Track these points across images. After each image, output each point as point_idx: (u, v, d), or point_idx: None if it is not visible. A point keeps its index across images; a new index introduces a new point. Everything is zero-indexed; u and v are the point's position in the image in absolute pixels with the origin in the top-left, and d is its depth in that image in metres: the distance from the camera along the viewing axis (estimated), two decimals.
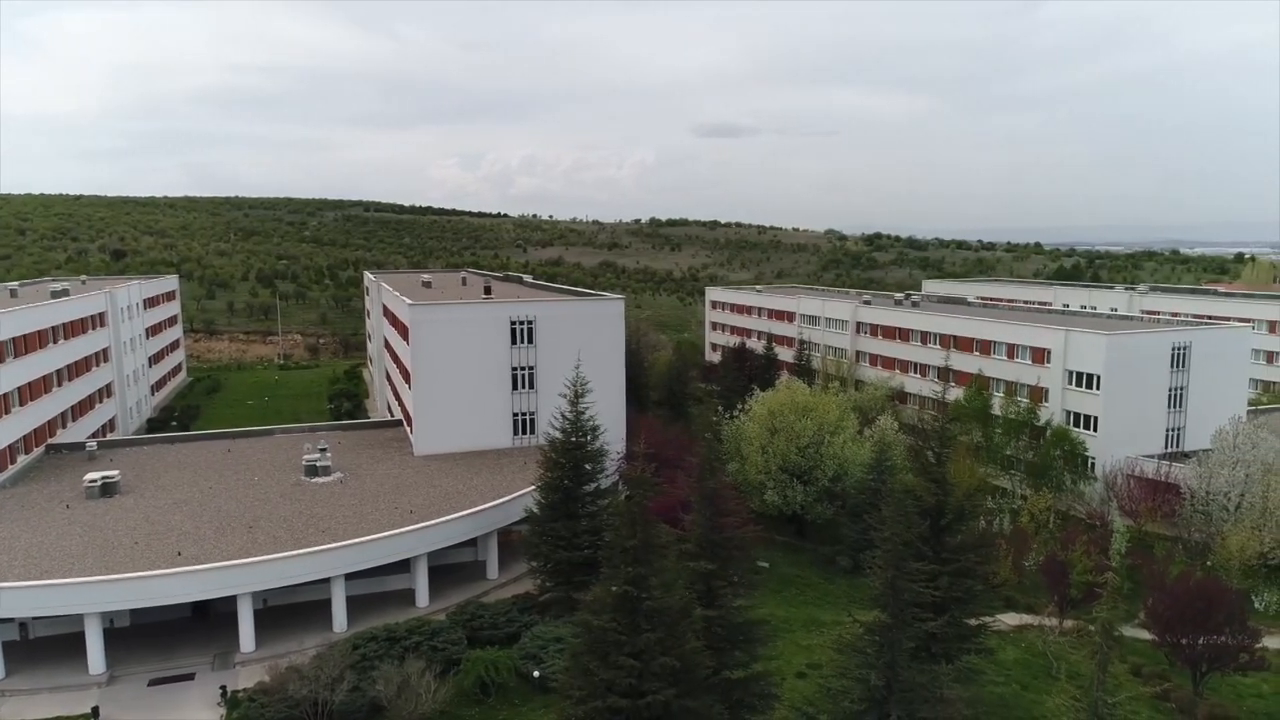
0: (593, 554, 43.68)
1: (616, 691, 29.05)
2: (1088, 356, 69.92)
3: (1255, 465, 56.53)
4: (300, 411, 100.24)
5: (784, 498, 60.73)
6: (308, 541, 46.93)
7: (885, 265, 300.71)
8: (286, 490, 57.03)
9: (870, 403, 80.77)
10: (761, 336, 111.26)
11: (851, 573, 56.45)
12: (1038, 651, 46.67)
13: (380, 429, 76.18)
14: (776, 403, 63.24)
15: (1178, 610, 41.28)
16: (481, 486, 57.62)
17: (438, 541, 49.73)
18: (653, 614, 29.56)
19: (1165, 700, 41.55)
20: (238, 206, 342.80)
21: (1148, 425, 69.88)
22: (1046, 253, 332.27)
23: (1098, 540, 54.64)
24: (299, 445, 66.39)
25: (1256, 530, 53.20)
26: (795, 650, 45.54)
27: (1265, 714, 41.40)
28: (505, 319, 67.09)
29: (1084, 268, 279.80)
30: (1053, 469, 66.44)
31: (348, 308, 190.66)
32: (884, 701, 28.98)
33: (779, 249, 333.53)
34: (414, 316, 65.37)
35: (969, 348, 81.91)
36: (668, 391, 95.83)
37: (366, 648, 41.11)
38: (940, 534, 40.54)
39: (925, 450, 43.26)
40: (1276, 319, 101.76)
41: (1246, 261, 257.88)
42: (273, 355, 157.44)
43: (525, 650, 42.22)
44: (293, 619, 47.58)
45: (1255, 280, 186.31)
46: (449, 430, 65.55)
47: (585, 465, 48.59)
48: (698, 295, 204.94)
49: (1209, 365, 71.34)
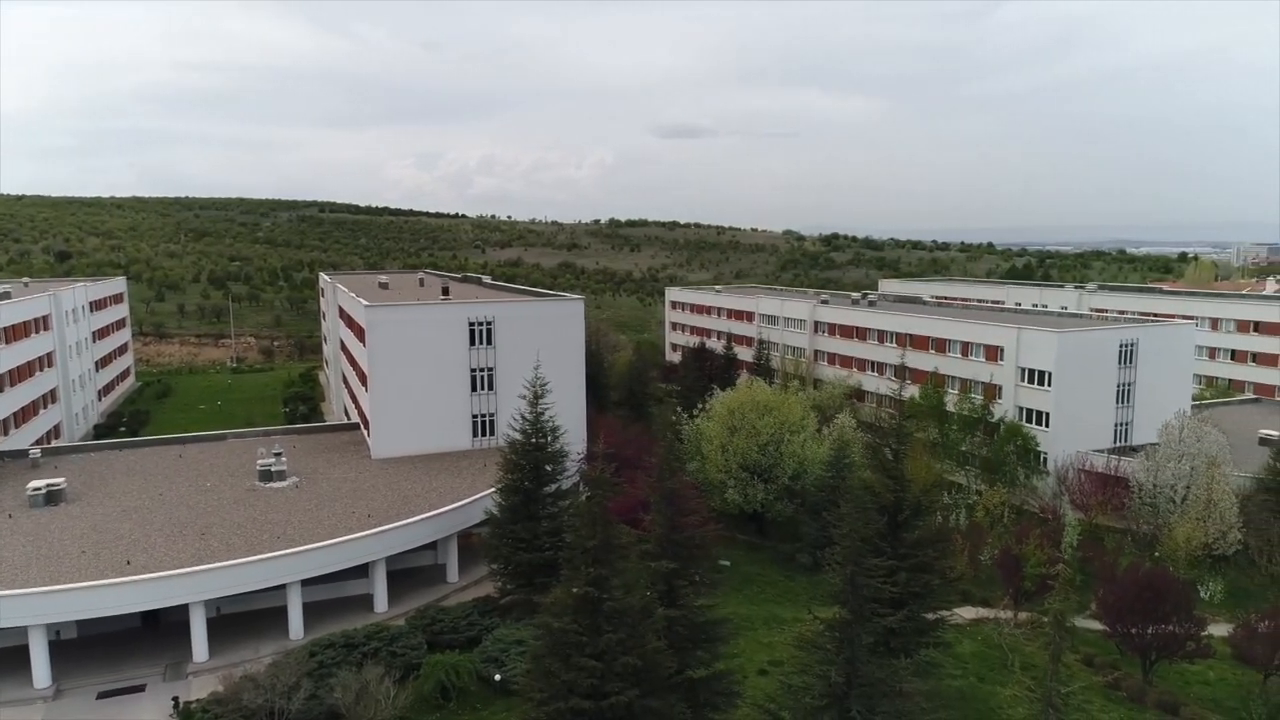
0: (554, 555, 43.53)
1: (578, 693, 28.93)
2: (1039, 354, 71.33)
3: (1200, 458, 57.98)
4: (254, 415, 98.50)
5: (744, 496, 61.02)
6: (262, 547, 46.02)
7: (842, 265, 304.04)
8: (240, 496, 55.91)
9: (829, 401, 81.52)
10: (721, 336, 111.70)
11: (811, 570, 56.87)
12: (993, 644, 47.45)
13: (337, 432, 75.07)
14: (736, 402, 63.53)
15: (1127, 601, 42.29)
16: (441, 489, 57.05)
17: (396, 545, 49.11)
18: (614, 614, 29.48)
19: (1116, 689, 42.51)
20: (188, 207, 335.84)
21: (1097, 420, 71.50)
22: (999, 253, 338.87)
23: (1050, 534, 55.78)
24: (253, 450, 65.12)
25: (1201, 522, 54.62)
26: (756, 648, 45.79)
27: (1211, 700, 42.56)
28: (463, 320, 66.52)
29: (1035, 267, 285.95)
30: (1006, 464, 67.61)
31: (303, 310, 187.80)
32: (844, 697, 29.20)
33: (738, 249, 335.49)
34: (370, 318, 64.52)
35: (924, 346, 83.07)
36: (628, 392, 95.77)
37: (324, 654, 40.48)
38: (898, 530, 41.06)
39: (883, 447, 43.78)
40: (1218, 316, 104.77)
41: (1190, 261, 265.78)
42: (225, 358, 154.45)
43: (486, 653, 41.90)
44: (247, 627, 46.66)
45: (1198, 279, 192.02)
46: (407, 433, 64.81)
47: (545, 466, 48.36)
48: (657, 296, 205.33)
49: (1155, 361, 73.21)
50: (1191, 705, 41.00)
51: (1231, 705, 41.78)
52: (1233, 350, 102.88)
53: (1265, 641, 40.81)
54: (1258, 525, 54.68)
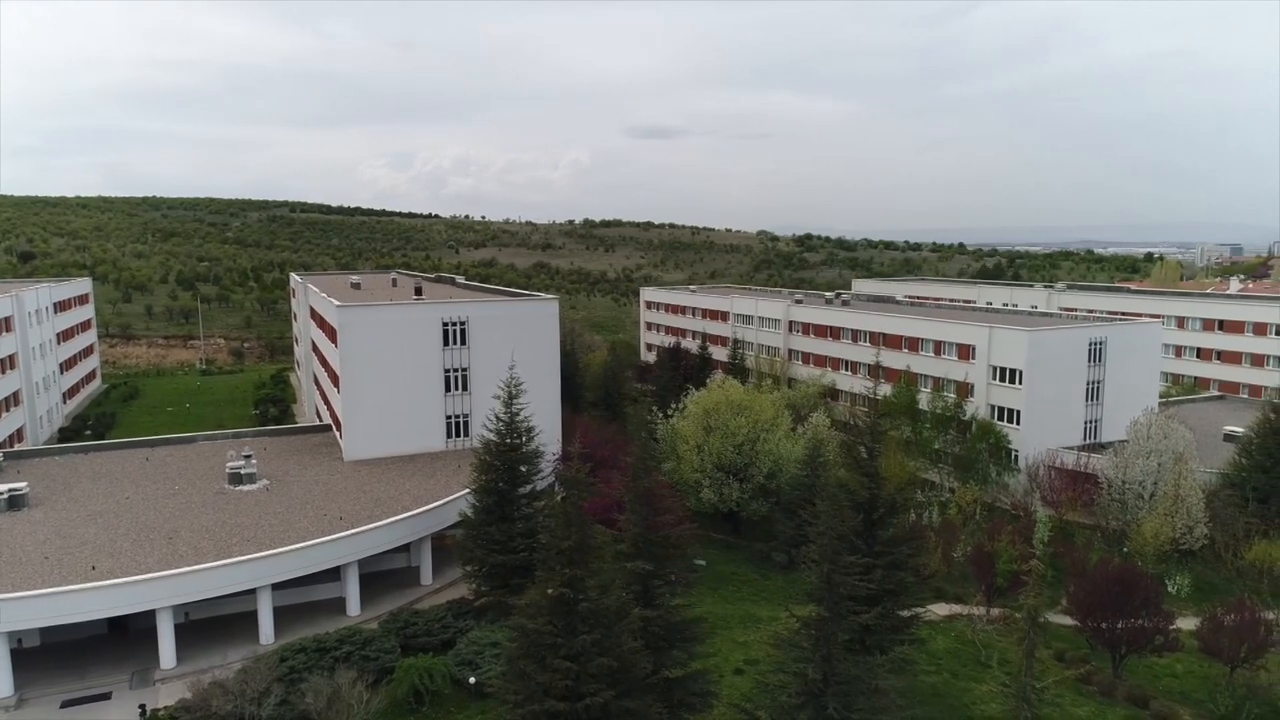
0: (528, 557, 43.26)
1: (554, 694, 28.74)
2: (1010, 352, 72.05)
3: (1167, 455, 58.81)
4: (224, 418, 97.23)
5: (720, 495, 61.06)
6: (231, 551, 45.35)
7: (816, 265, 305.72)
8: (209, 499, 55.05)
9: (803, 400, 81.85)
10: (696, 336, 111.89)
11: (787, 568, 57.07)
12: (967, 640, 47.83)
13: (308, 434, 74.20)
14: (711, 401, 63.57)
15: (1097, 596, 42.75)
16: (414, 491, 56.54)
17: (369, 548, 48.57)
18: (589, 615, 29.32)
19: (1087, 683, 42.97)
20: (155, 207, 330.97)
21: (1067, 418, 72.34)
22: (970, 253, 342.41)
23: (1022, 530, 56.37)
24: (222, 453, 64.20)
25: (1169, 517, 55.38)
26: (732, 647, 45.79)
27: (1180, 693, 43.15)
28: (437, 320, 66.00)
29: (1005, 267, 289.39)
30: (978, 462, 68.23)
31: (273, 310, 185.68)
32: (821, 695, 29.23)
33: (712, 249, 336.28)
34: (342, 318, 63.82)
35: (898, 345, 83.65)
36: (603, 392, 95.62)
37: (295, 659, 39.92)
38: (873, 528, 41.19)
39: (858, 446, 43.91)
40: (1184, 315, 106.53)
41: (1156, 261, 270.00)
42: (194, 360, 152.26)
43: (461, 656, 41.55)
44: (216, 632, 45.93)
45: (1164, 279, 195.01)
46: (380, 434, 64.20)
47: (520, 467, 48.06)
48: (632, 296, 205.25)
49: (1123, 359, 74.23)
50: (1160, 698, 41.54)
51: (1199, 698, 42.38)
52: (1198, 348, 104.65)
53: (1231, 634, 41.37)
54: (1223, 520, 55.55)
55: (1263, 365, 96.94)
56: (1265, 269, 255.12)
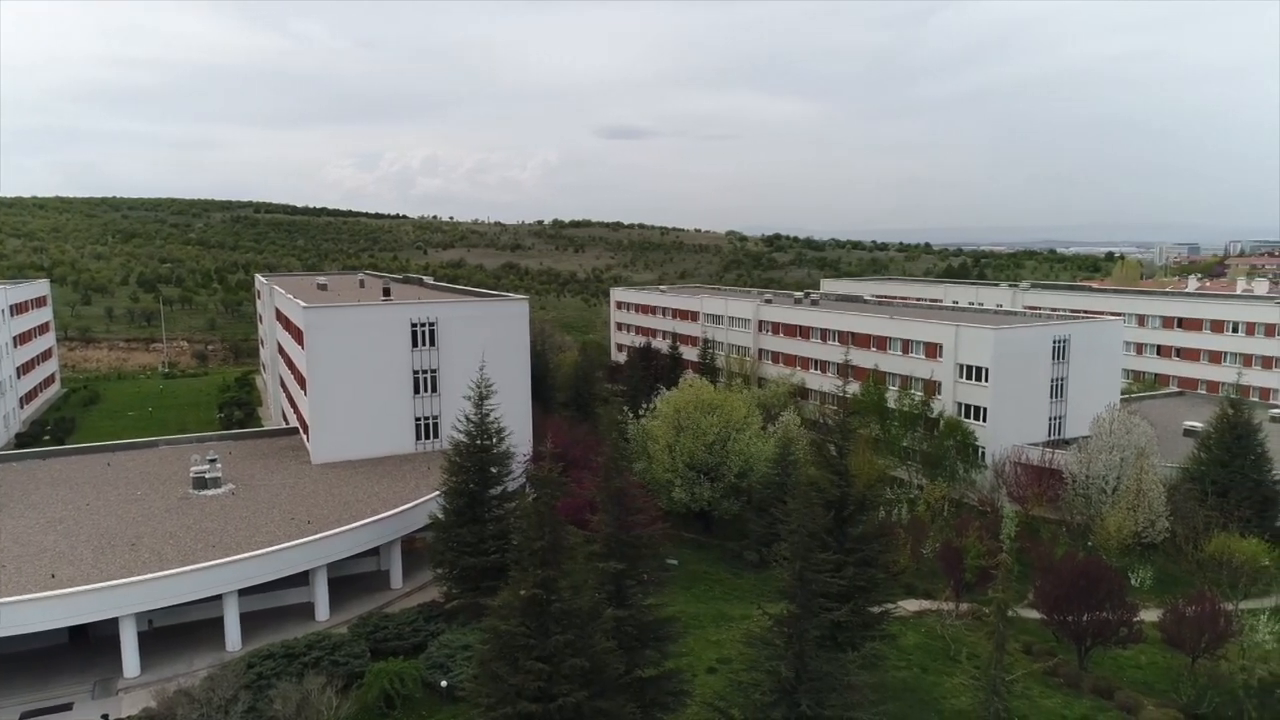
0: (500, 558, 43.05)
1: (526, 696, 28.56)
2: (977, 350, 72.96)
3: (1129, 450, 59.89)
4: (187, 422, 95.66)
5: (691, 495, 61.16)
6: (196, 557, 44.58)
7: (785, 265, 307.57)
8: (173, 504, 54.09)
9: (773, 399, 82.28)
10: (666, 336, 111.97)
11: (758, 566, 57.30)
12: (936, 635, 48.32)
13: (275, 437, 73.20)
14: (682, 401, 63.64)
15: (1063, 589, 43.38)
16: (383, 494, 56.00)
17: (337, 552, 48.01)
18: (562, 616, 29.18)
19: (1054, 675, 43.60)
20: (115, 207, 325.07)
21: (1032, 414, 73.41)
22: (936, 252, 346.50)
23: (989, 526, 57.06)
24: (186, 457, 63.08)
25: (1131, 511, 56.38)
26: (705, 646, 45.86)
27: (1143, 683, 43.95)
28: (405, 321, 65.43)
29: (970, 266, 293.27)
30: (946, 459, 68.98)
31: (238, 312, 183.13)
32: (794, 692, 29.34)
33: (682, 250, 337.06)
34: (309, 320, 63.04)
35: (866, 344, 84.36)
36: (574, 392, 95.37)
37: (262, 666, 39.31)
38: (844, 525, 41.47)
39: (828, 444, 44.20)
40: (1144, 313, 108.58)
41: (1117, 260, 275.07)
42: (156, 363, 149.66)
43: (432, 659, 41.21)
44: (181, 640, 45.13)
45: (1124, 278, 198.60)
46: (348, 437, 63.51)
47: (491, 468, 47.78)
48: (602, 296, 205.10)
49: (1086, 357, 75.49)
50: (1125, 689, 42.25)
51: (1162, 688, 43.19)
52: (1158, 346, 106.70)
53: (1192, 626, 42.20)
54: (1184, 514, 56.62)
55: (1220, 362, 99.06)
56: (1221, 268, 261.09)
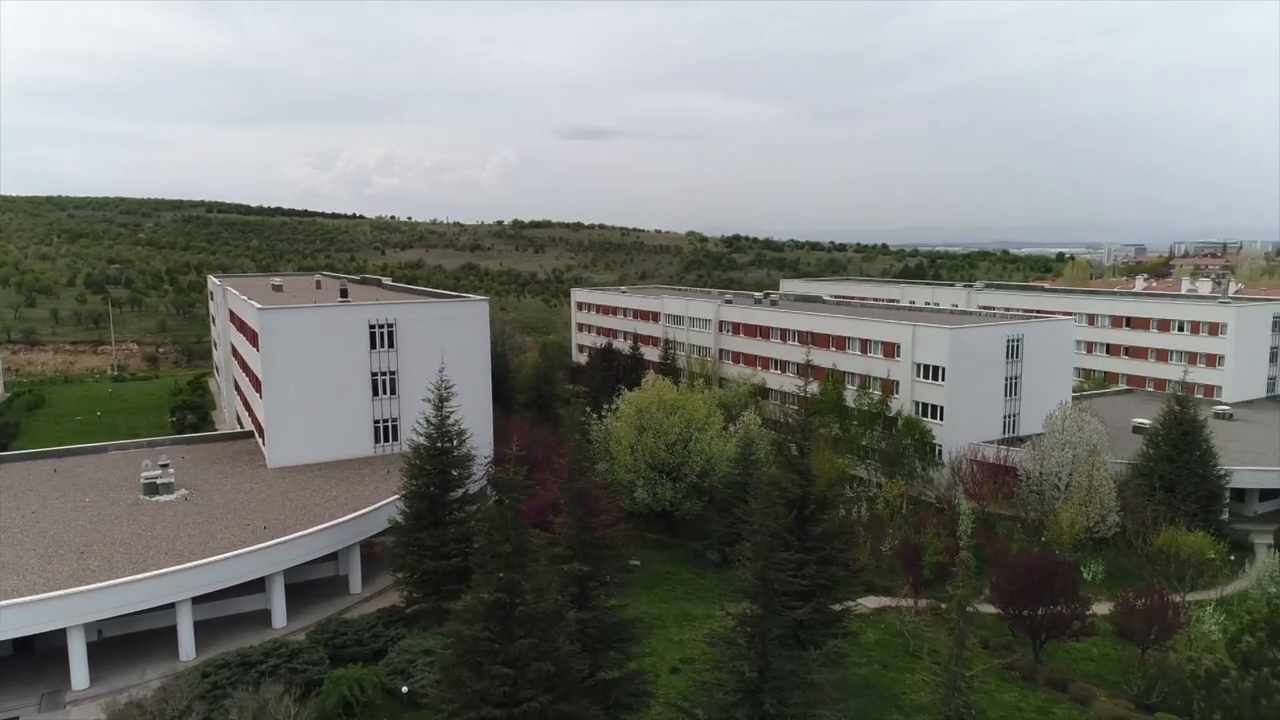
0: (462, 562, 42.68)
1: (491, 701, 28.32)
2: (933, 350, 74.02)
3: (1081, 447, 61.18)
4: (138, 426, 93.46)
5: (653, 495, 61.20)
6: (147, 565, 43.51)
7: (744, 266, 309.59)
8: (123, 511, 52.75)
9: (734, 399, 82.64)
10: (627, 337, 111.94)
11: (720, 566, 57.50)
12: (896, 631, 48.90)
13: (229, 441, 71.80)
14: (644, 401, 63.67)
15: (1019, 584, 44.16)
16: (342, 498, 55.21)
17: (295, 558, 47.20)
18: (526, 620, 28.99)
19: (1011, 669, 44.36)
20: (61, 207, 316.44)
21: (988, 413, 74.66)
22: (893, 253, 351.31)
23: (946, 523, 57.91)
24: (136, 462, 61.58)
25: (1083, 506, 57.61)
26: (669, 646, 45.91)
27: (1096, 675, 44.94)
28: (363, 322, 64.62)
29: (927, 267, 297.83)
30: (904, 457, 69.86)
31: (190, 314, 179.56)
32: (757, 691, 29.47)
33: (642, 250, 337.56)
34: (264, 321, 61.93)
35: (825, 344, 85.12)
36: (535, 393, 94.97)
37: (218, 675, 38.52)
38: (805, 524, 41.82)
39: (789, 444, 44.52)
40: (1094, 312, 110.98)
41: (1067, 261, 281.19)
42: (105, 366, 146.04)
43: (393, 665, 40.69)
44: (133, 650, 44.02)
45: (1075, 278, 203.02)
46: (305, 440, 62.50)
47: (452, 471, 47.36)
48: (563, 297, 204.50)
49: (1039, 356, 76.97)
50: (1078, 681, 43.14)
51: (1114, 679, 44.22)
52: (1107, 344, 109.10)
53: (1142, 618, 43.25)
54: (1133, 508, 57.97)
55: (1167, 360, 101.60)
56: (1167, 268, 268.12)
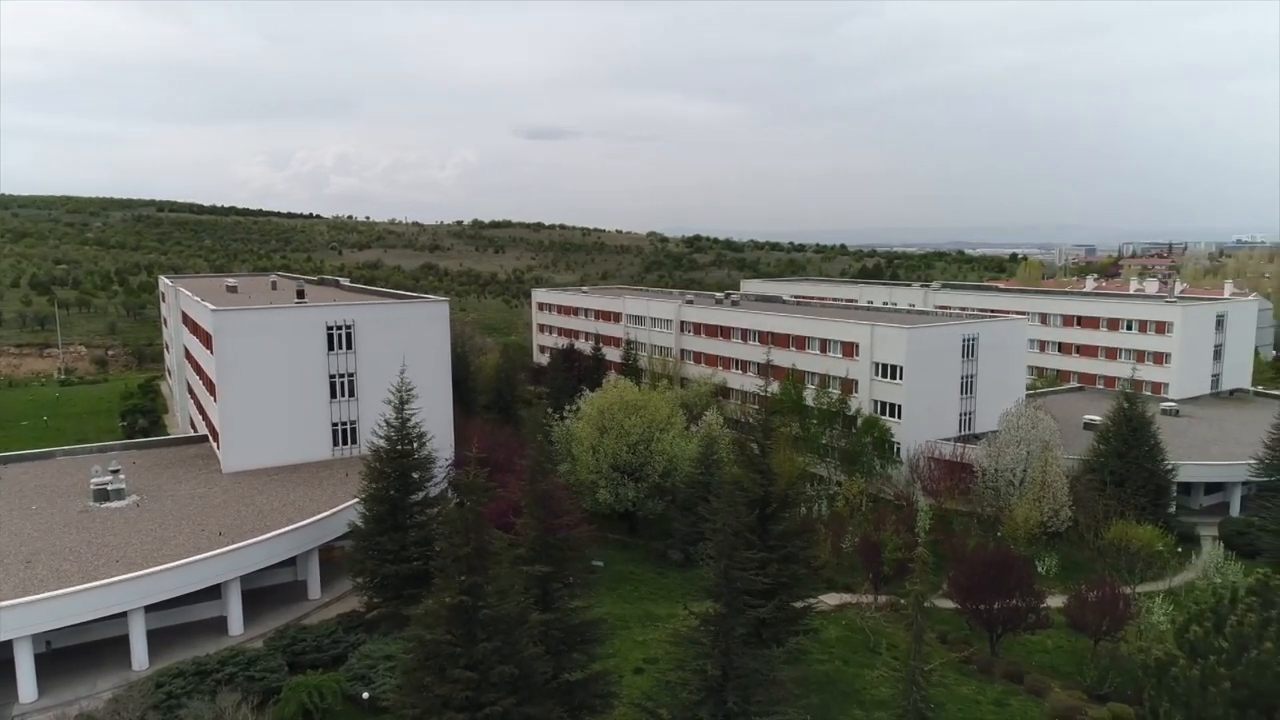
0: (423, 566, 42.29)
1: (453, 706, 28.12)
2: (891, 349, 75.01)
3: (1035, 443, 62.40)
4: (87, 431, 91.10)
5: (616, 496, 61.21)
6: (98, 573, 42.45)
7: (705, 266, 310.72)
8: (71, 519, 51.41)
9: (696, 399, 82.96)
10: (589, 337, 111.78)
11: (683, 565, 57.70)
12: (856, 627, 49.50)
13: (183, 446, 70.31)
14: (605, 402, 63.65)
15: (975, 579, 44.95)
16: (299, 502, 54.39)
17: (251, 563, 46.39)
18: (489, 622, 28.82)
19: (968, 663, 45.14)
20: (5, 205, 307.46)
21: (944, 411, 75.85)
22: (851, 254, 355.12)
23: (905, 520, 58.73)
24: (86, 468, 59.93)
25: (1037, 502, 58.83)
26: (632, 647, 45.96)
27: (1050, 666, 45.93)
28: (321, 324, 63.73)
29: (884, 267, 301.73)
30: (864, 455, 70.64)
31: (141, 316, 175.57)
32: (721, 689, 29.63)
33: (603, 251, 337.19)
34: (218, 323, 60.78)
35: (785, 344, 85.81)
36: (496, 395, 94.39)
37: (172, 684, 37.73)
38: (767, 523, 42.12)
39: (750, 443, 44.81)
40: (1047, 312, 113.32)
41: (1020, 261, 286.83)
42: (52, 370, 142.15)
43: (353, 671, 40.17)
44: (84, 660, 42.93)
45: (1028, 278, 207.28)
46: (261, 444, 61.44)
47: (412, 474, 46.92)
48: (524, 297, 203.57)
49: (994, 354, 78.39)
50: (1034, 673, 44.05)
51: (1068, 670, 45.23)
52: (1059, 343, 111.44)
53: (1094, 610, 44.28)
54: (1085, 503, 59.33)
55: (1116, 358, 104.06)
56: (1116, 268, 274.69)
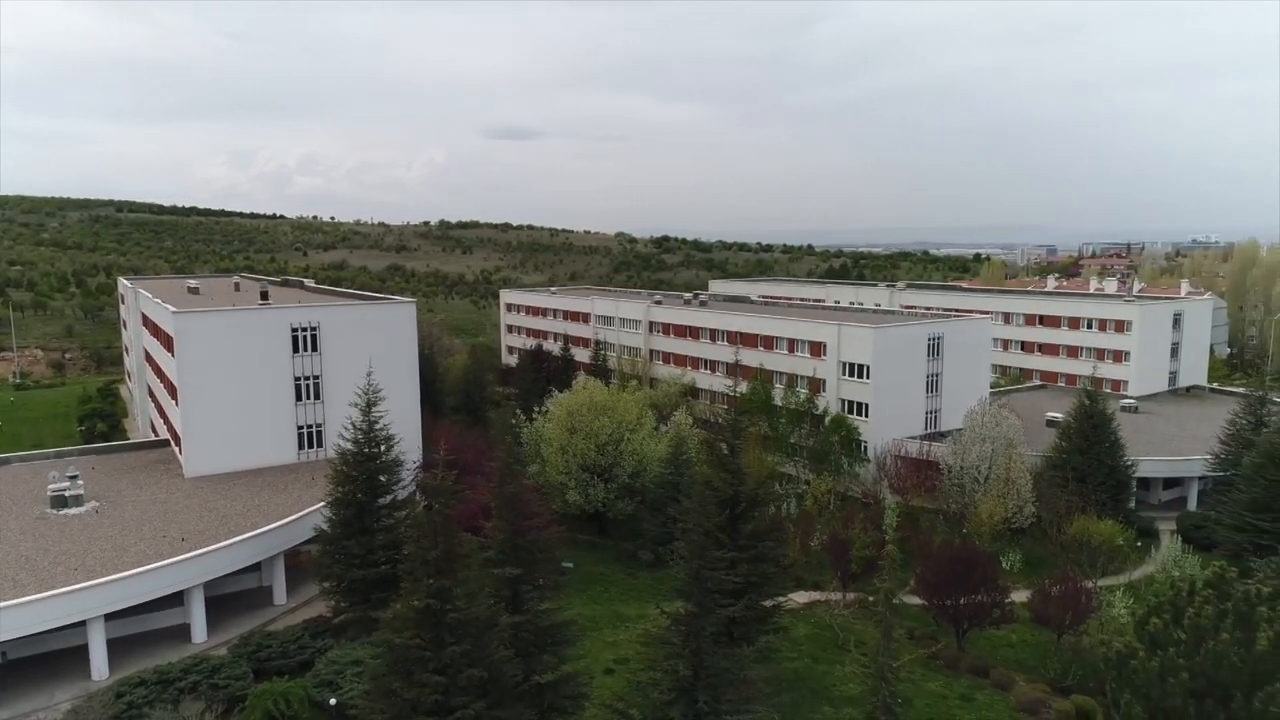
0: (391, 569, 41.84)
1: (422, 710, 27.86)
2: (858, 348, 75.68)
3: (999, 441, 63.30)
4: (44, 436, 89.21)
5: (585, 497, 61.09)
6: (55, 582, 41.51)
7: (674, 266, 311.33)
8: (28, 526, 50.23)
9: (665, 399, 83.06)
10: (558, 338, 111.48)
11: (653, 566, 57.75)
12: (825, 625, 49.85)
13: (143, 451, 69.04)
14: (574, 403, 63.49)
15: (942, 575, 45.47)
16: (264, 506, 53.64)
17: (215, 569, 45.64)
18: (458, 626, 28.60)
19: (935, 659, 45.66)
20: None
21: (911, 409, 76.66)
22: (818, 254, 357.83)
23: (873, 517, 59.30)
24: (43, 474, 58.70)
25: (1001, 499, 59.68)
26: (602, 647, 45.89)
27: (1015, 660, 46.61)
28: (285, 326, 62.90)
29: (851, 268, 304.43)
30: (831, 454, 71.18)
31: (99, 318, 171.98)
32: (692, 689, 29.68)
33: (572, 251, 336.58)
34: (179, 325, 59.74)
35: (754, 343, 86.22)
36: (464, 396, 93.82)
37: (133, 694, 36.99)
38: (736, 522, 42.27)
39: (719, 443, 44.94)
40: (1010, 311, 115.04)
41: (983, 261, 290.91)
42: (7, 374, 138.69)
43: (320, 677, 39.64)
44: (41, 671, 41.96)
45: (991, 278, 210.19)
46: (224, 448, 60.50)
47: (380, 477, 46.44)
48: (491, 298, 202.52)
49: (958, 353, 79.40)
50: (999, 667, 44.67)
51: (1032, 664, 45.91)
52: (1022, 342, 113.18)
53: (1057, 604, 44.99)
54: (1048, 499, 60.28)
55: (1077, 356, 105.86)
56: (1076, 268, 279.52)
